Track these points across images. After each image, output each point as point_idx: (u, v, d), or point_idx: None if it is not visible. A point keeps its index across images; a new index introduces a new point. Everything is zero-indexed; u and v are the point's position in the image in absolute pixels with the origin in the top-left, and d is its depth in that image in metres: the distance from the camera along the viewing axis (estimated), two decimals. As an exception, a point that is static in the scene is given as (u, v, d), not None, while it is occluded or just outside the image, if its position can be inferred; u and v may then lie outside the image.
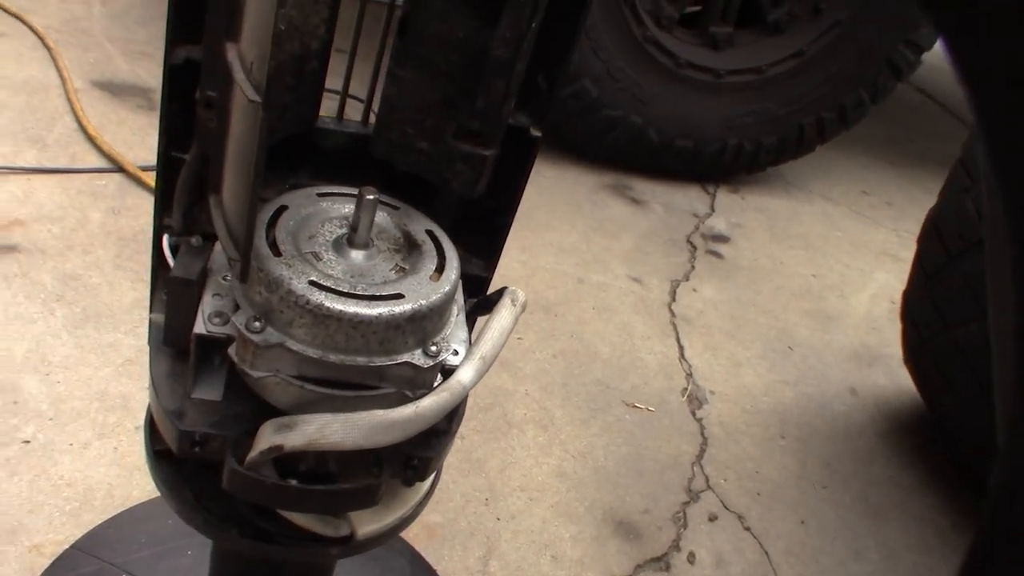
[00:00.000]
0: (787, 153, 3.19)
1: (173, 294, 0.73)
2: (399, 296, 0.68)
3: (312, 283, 0.66)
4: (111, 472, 1.50)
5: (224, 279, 0.75)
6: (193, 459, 0.75)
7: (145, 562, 1.34)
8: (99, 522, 1.40)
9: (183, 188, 0.80)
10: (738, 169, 3.19)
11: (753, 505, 1.83)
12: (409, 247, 0.75)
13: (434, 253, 0.74)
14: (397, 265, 0.73)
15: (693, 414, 2.02)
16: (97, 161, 2.26)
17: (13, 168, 2.14)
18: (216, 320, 0.71)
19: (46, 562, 1.33)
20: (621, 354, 2.14)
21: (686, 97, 2.94)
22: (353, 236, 0.72)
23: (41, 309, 1.78)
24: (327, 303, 0.65)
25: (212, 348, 0.73)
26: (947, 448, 2.17)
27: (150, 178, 2.21)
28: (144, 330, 1.79)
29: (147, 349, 1.71)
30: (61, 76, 2.57)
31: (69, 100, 2.46)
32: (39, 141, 2.28)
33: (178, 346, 0.78)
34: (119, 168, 2.23)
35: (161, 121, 0.77)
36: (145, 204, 2.15)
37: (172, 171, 0.80)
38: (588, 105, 2.82)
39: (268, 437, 0.69)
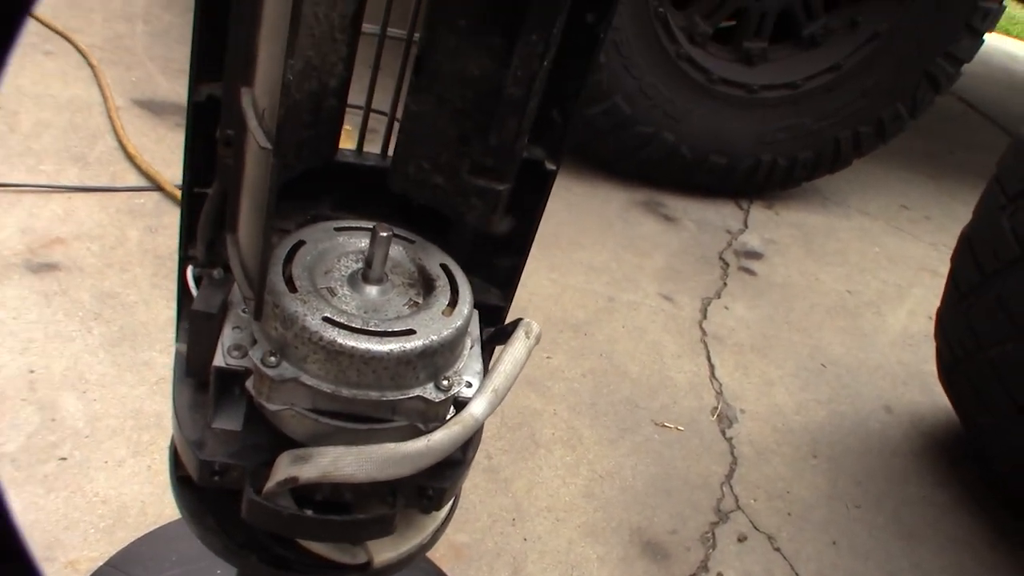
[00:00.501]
0: (823, 168, 3.17)
1: (194, 327, 0.75)
2: (411, 332, 0.69)
3: (326, 319, 0.67)
4: (144, 490, 1.53)
5: (244, 312, 0.77)
6: (213, 487, 0.77)
7: (175, 580, 1.36)
8: (132, 539, 1.43)
9: (206, 221, 0.82)
10: (772, 185, 3.17)
11: (784, 525, 1.81)
12: (423, 281, 0.77)
13: (447, 287, 0.76)
14: (411, 299, 0.75)
15: (723, 433, 2.02)
16: (136, 180, 2.30)
17: (56, 187, 2.19)
18: (235, 353, 0.73)
19: (80, 578, 1.36)
20: (651, 373, 2.14)
21: (719, 113, 2.93)
22: (368, 271, 0.73)
23: (79, 327, 1.82)
24: (340, 339, 0.66)
25: (231, 380, 0.75)
26: (982, 467, 2.14)
27: (187, 197, 2.25)
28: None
29: (179, 369, 1.73)
30: (103, 95, 2.62)
31: (111, 118, 2.52)
32: (81, 159, 2.33)
33: (199, 377, 0.80)
34: (157, 187, 2.28)
35: (185, 156, 0.79)
36: (182, 223, 2.18)
37: (196, 204, 0.82)
38: (620, 122, 2.82)
39: (284, 468, 0.71)
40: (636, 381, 2.09)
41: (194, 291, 0.84)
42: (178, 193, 2.22)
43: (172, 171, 2.35)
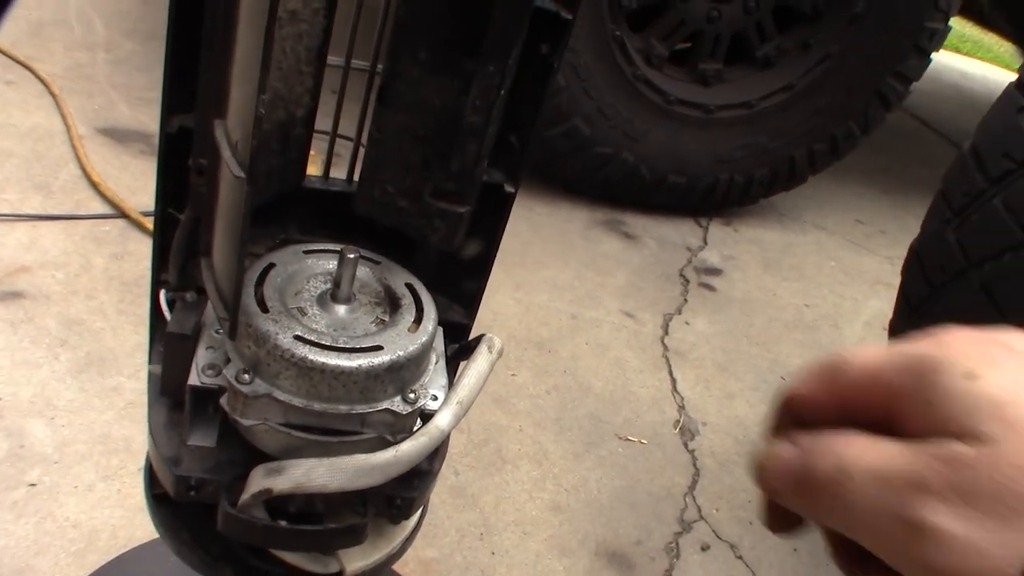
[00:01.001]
0: (779, 185, 3.24)
1: (169, 348, 0.78)
2: (378, 348, 0.72)
3: (297, 337, 0.70)
4: (115, 514, 1.55)
5: (216, 332, 0.80)
6: (189, 502, 0.79)
7: (148, 601, 1.38)
8: (103, 563, 1.44)
9: (178, 247, 0.85)
10: (730, 202, 3.24)
11: (745, 535, 1.86)
12: (389, 300, 0.80)
13: (412, 305, 0.79)
14: (378, 317, 0.78)
15: (686, 446, 2.06)
16: (100, 207, 2.32)
17: (19, 215, 2.20)
18: (209, 372, 0.76)
19: (52, 602, 1.37)
20: (614, 388, 2.18)
21: (677, 133, 3.00)
22: (336, 291, 0.76)
23: (46, 354, 1.83)
24: (311, 356, 0.70)
25: (206, 398, 0.78)
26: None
27: (151, 224, 2.26)
28: (145, 374, 1.83)
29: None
30: (66, 123, 2.64)
31: (73, 147, 2.53)
32: (44, 188, 2.34)
33: (174, 396, 0.83)
34: (122, 214, 2.29)
35: (157, 185, 0.82)
36: (146, 249, 2.20)
37: (168, 230, 0.85)
38: (580, 143, 2.88)
39: (258, 481, 0.74)
40: (600, 396, 2.14)
41: (167, 314, 0.88)
42: (144, 220, 2.25)
43: (137, 199, 2.37)
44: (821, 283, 3.04)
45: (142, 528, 1.53)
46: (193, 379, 0.76)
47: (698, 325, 2.56)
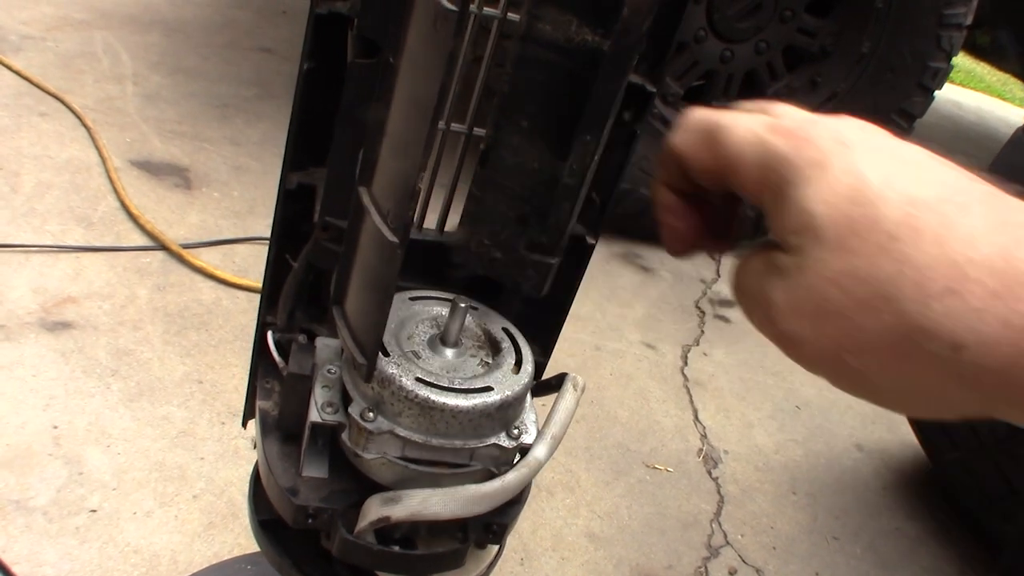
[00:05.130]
0: (788, 219, 3.33)
1: (290, 388, 0.86)
2: (489, 388, 0.80)
3: (419, 380, 0.78)
4: (174, 539, 1.61)
5: (329, 372, 0.87)
6: (305, 530, 0.87)
7: (214, 622, 1.44)
8: (166, 585, 1.51)
9: (289, 293, 0.93)
10: (743, 236, 3.33)
11: (770, 559, 1.93)
12: (490, 344, 0.88)
13: (512, 349, 0.87)
14: (482, 360, 0.86)
15: (709, 473, 2.14)
16: (140, 239, 2.39)
17: (63, 247, 2.28)
18: (328, 409, 0.84)
19: (123, 623, 1.44)
20: (639, 418, 2.26)
21: (691, 168, 3.09)
22: (446, 336, 0.84)
23: (98, 383, 1.90)
24: (432, 396, 0.77)
25: (320, 434, 0.86)
26: (949, 500, 2.28)
27: (192, 256, 2.34)
28: (194, 403, 1.90)
29: (197, 421, 1.83)
30: (101, 155, 2.71)
31: (111, 179, 2.60)
32: (85, 220, 2.42)
33: (287, 431, 0.90)
34: (162, 246, 2.37)
35: (273, 234, 0.90)
36: (188, 281, 2.28)
37: (279, 276, 0.93)
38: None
39: (376, 509, 0.81)
40: (626, 426, 2.21)
41: (275, 355, 0.95)
42: (184, 253, 2.32)
43: (175, 231, 2.45)
44: (830, 314, 3.12)
45: (200, 554, 1.60)
46: (314, 416, 0.83)
47: (716, 356, 2.64)
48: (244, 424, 1.05)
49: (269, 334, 0.96)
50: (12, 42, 3.34)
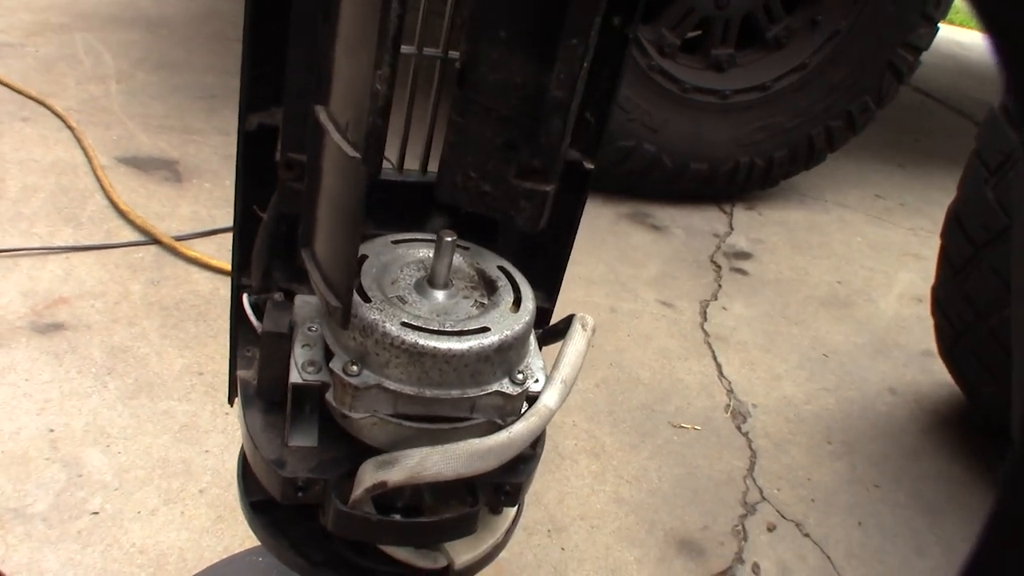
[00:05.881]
0: (799, 165, 3.23)
1: (266, 348, 0.77)
2: (485, 329, 0.71)
3: (404, 324, 0.69)
4: (181, 536, 1.53)
5: (310, 330, 0.79)
6: (295, 505, 0.78)
7: (227, 619, 1.37)
8: (176, 585, 1.44)
9: (261, 248, 0.84)
10: (752, 186, 3.23)
11: (809, 512, 1.84)
12: (485, 283, 0.79)
13: (509, 287, 0.78)
14: (477, 301, 0.77)
15: (739, 429, 2.05)
16: (131, 235, 2.31)
17: (51, 248, 2.20)
18: (310, 369, 0.75)
19: (131, 627, 1.36)
20: (661, 377, 2.17)
21: (696, 120, 2.99)
22: (434, 277, 0.75)
23: (94, 383, 1.82)
24: (421, 341, 0.69)
25: (304, 396, 0.77)
26: (990, 437, 2.19)
27: (185, 248, 2.26)
28: (195, 396, 1.83)
29: (200, 414, 1.75)
30: (87, 155, 2.63)
31: (98, 178, 2.52)
32: (73, 220, 2.34)
33: (270, 398, 0.81)
34: (154, 240, 2.29)
35: (237, 184, 0.82)
36: (183, 273, 2.20)
37: (249, 232, 0.84)
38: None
39: (371, 475, 0.73)
40: (648, 386, 2.12)
41: (252, 318, 0.87)
42: (176, 245, 2.24)
43: (166, 224, 2.37)
44: (850, 259, 3.02)
45: (209, 549, 1.52)
46: (295, 377, 0.75)
47: (736, 309, 2.55)
48: (231, 401, 0.97)
49: (244, 297, 0.87)
50: (-9, 50, 3.27)
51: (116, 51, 3.47)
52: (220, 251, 2.30)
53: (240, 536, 1.53)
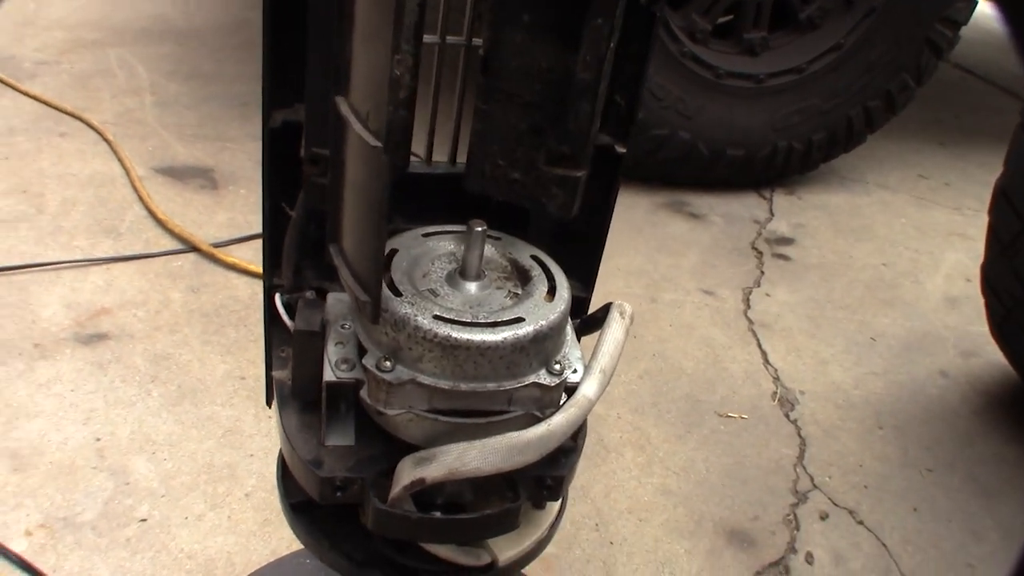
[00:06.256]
0: (838, 147, 3.17)
1: (299, 347, 0.76)
2: (520, 319, 0.70)
3: (437, 317, 0.68)
4: (228, 540, 1.54)
5: (343, 327, 0.78)
6: (334, 504, 0.77)
7: (276, 622, 1.36)
8: (225, 590, 1.44)
9: (291, 246, 0.83)
10: (791, 170, 3.18)
11: (862, 499, 1.80)
12: (518, 273, 0.78)
13: (543, 276, 0.76)
14: (510, 291, 0.76)
15: (787, 416, 2.01)
16: (170, 244, 2.33)
17: (92, 259, 2.22)
18: (344, 366, 0.74)
19: (181, 633, 1.36)
20: (706, 367, 2.14)
21: (731, 106, 2.95)
22: (466, 269, 0.74)
23: (138, 391, 1.83)
24: (454, 334, 0.67)
25: (339, 395, 0.76)
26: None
27: (224, 254, 2.27)
28: (238, 400, 1.83)
29: (243, 418, 1.75)
30: (124, 167, 2.66)
31: (135, 188, 2.55)
32: (113, 231, 2.36)
33: (305, 397, 0.81)
34: (193, 248, 2.30)
35: (264, 183, 0.81)
36: (222, 279, 2.21)
37: (278, 230, 0.83)
38: (634, 129, 2.83)
39: (409, 472, 0.72)
40: (693, 376, 2.09)
41: (284, 317, 0.86)
42: (215, 252, 2.25)
43: (204, 232, 2.38)
44: (895, 241, 2.96)
45: (257, 552, 1.52)
46: (328, 375, 0.74)
47: (779, 295, 2.51)
48: (268, 403, 0.96)
49: (277, 296, 0.87)
50: (27, 69, 3.31)
51: (148, 64, 3.50)
52: (258, 256, 2.30)
53: (287, 539, 1.53)
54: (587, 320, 0.88)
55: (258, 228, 2.42)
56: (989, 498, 1.87)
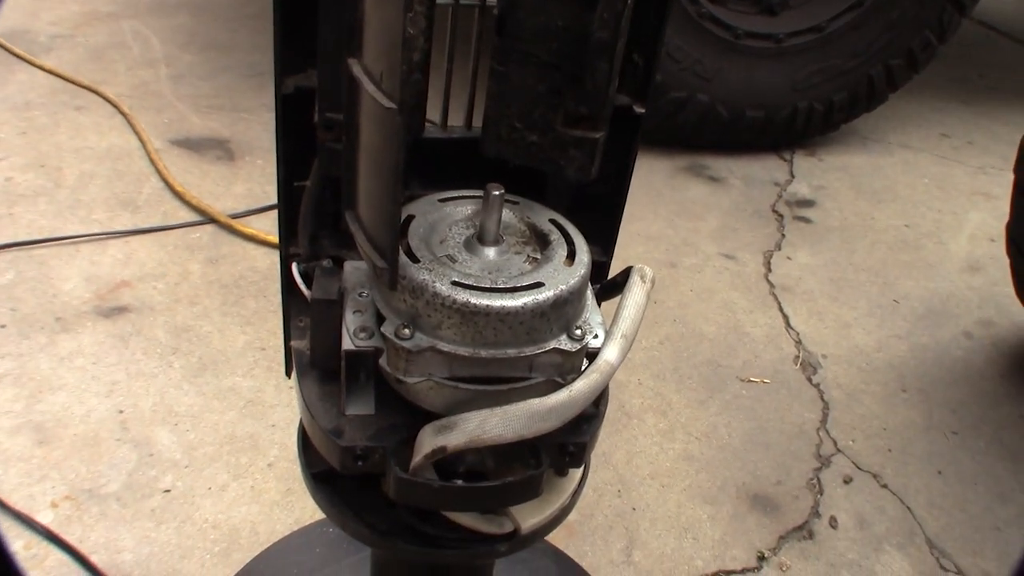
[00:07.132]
0: (859, 107, 3.12)
1: (317, 316, 0.75)
2: (539, 284, 0.69)
3: (455, 283, 0.67)
4: (252, 510, 1.54)
5: (360, 295, 0.77)
6: (355, 474, 0.77)
7: (301, 591, 1.37)
8: (249, 559, 1.44)
9: (307, 214, 0.82)
10: (812, 131, 3.14)
11: (886, 462, 1.79)
12: (537, 238, 0.76)
13: (562, 240, 0.75)
14: (529, 256, 0.74)
15: (809, 380, 2.00)
16: (188, 216, 2.33)
17: (111, 233, 2.22)
18: (362, 335, 0.73)
19: (207, 602, 1.37)
20: (727, 331, 2.12)
21: (750, 67, 2.90)
22: (483, 234, 0.73)
23: (159, 363, 1.84)
24: (473, 300, 0.66)
25: (359, 364, 0.75)
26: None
27: (241, 225, 2.27)
28: (259, 371, 1.83)
29: (264, 389, 1.76)
30: (140, 139, 2.65)
31: (152, 161, 2.54)
32: (131, 204, 2.36)
33: (324, 367, 0.80)
34: (210, 219, 2.30)
35: (278, 151, 0.79)
36: (240, 251, 2.21)
37: (293, 198, 0.82)
38: (653, 90, 2.80)
39: (430, 440, 0.71)
40: (714, 341, 2.08)
41: (302, 287, 0.85)
42: (233, 223, 2.25)
43: (222, 203, 2.38)
44: (917, 201, 2.93)
45: (281, 522, 1.53)
46: (347, 344, 0.73)
47: (800, 258, 2.48)
48: (288, 373, 0.96)
49: (294, 266, 0.86)
50: (42, 43, 3.30)
51: (163, 36, 3.48)
52: (275, 227, 2.30)
53: (311, 508, 1.54)
54: (607, 285, 0.86)
55: (275, 199, 2.42)
56: (1016, 461, 1.85)
